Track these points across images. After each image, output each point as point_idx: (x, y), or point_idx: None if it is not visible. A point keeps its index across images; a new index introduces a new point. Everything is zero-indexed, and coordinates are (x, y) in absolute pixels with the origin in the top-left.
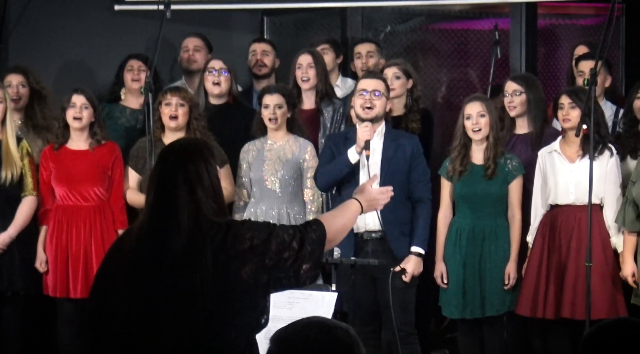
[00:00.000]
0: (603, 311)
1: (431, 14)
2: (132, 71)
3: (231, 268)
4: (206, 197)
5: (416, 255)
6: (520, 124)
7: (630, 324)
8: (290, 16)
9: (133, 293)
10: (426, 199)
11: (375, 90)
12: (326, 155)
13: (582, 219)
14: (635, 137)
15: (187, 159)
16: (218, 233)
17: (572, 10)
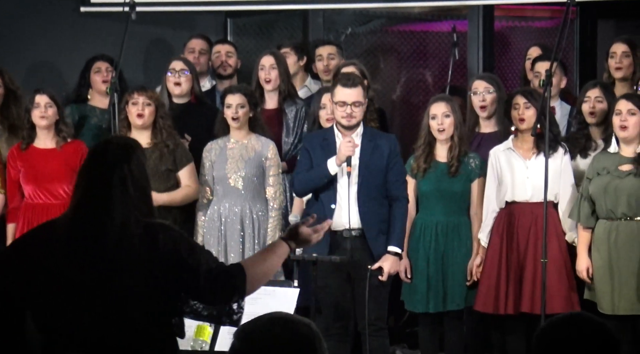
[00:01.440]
0: (559, 306)
1: (391, 16)
2: (101, 72)
3: (154, 269)
4: (137, 197)
5: (393, 254)
6: (485, 123)
7: (581, 319)
8: (253, 18)
9: (57, 284)
10: (402, 198)
11: (355, 101)
12: (303, 158)
13: (538, 216)
14: (585, 138)
15: (121, 158)
16: (144, 232)
17: (528, 13)
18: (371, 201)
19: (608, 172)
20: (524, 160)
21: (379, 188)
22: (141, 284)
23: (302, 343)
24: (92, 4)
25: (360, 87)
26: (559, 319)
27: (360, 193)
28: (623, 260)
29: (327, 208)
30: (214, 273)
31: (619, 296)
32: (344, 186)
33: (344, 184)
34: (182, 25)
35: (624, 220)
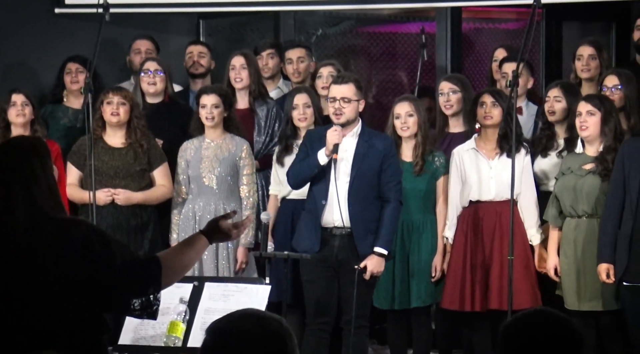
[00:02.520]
0: (526, 302)
1: (361, 18)
2: (70, 73)
3: (68, 263)
4: (42, 195)
5: (378, 255)
6: (453, 123)
7: (546, 315)
8: (226, 19)
9: None
10: (394, 200)
11: (344, 96)
12: (301, 152)
13: (502, 214)
14: (547, 138)
15: (22, 158)
16: (54, 228)
17: (495, 15)
18: (362, 201)
19: (572, 171)
20: (488, 160)
21: (371, 188)
22: (55, 279)
23: (273, 339)
24: (67, 5)
25: (352, 85)
26: (524, 315)
27: (351, 191)
28: (586, 257)
29: (318, 203)
30: (129, 265)
31: (583, 293)
32: (335, 182)
33: (335, 180)
34: (155, 27)
35: (585, 217)
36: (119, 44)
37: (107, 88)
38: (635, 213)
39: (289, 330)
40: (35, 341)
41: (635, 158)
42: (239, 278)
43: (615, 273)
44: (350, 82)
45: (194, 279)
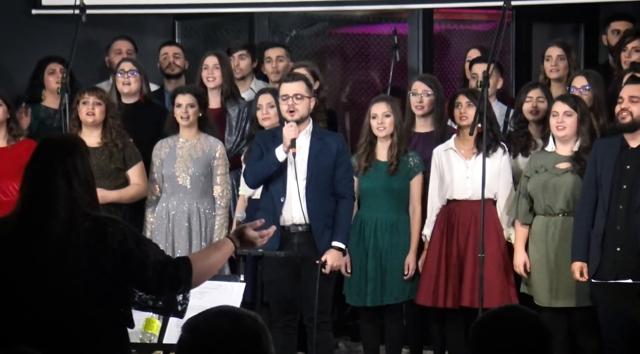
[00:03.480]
0: (497, 300)
1: (334, 19)
2: (55, 74)
3: (101, 260)
4: (82, 190)
5: (337, 249)
6: (421, 123)
7: (516, 311)
8: (200, 21)
9: (11, 277)
10: (348, 196)
11: (296, 93)
12: (256, 153)
13: (478, 213)
14: (525, 137)
15: (65, 153)
16: (91, 225)
17: (466, 17)
18: (319, 197)
19: (546, 169)
20: (465, 160)
21: (326, 184)
22: (88, 275)
23: (248, 335)
24: (43, 6)
25: (302, 82)
26: (495, 312)
27: (308, 189)
28: (560, 254)
29: (276, 201)
30: (162, 264)
31: (555, 289)
32: (293, 180)
33: (293, 179)
34: (131, 28)
35: (561, 215)
36: (95, 45)
37: (83, 88)
38: (607, 212)
39: (264, 326)
40: (65, 335)
41: (607, 157)
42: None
43: (588, 271)
44: (301, 80)
45: None
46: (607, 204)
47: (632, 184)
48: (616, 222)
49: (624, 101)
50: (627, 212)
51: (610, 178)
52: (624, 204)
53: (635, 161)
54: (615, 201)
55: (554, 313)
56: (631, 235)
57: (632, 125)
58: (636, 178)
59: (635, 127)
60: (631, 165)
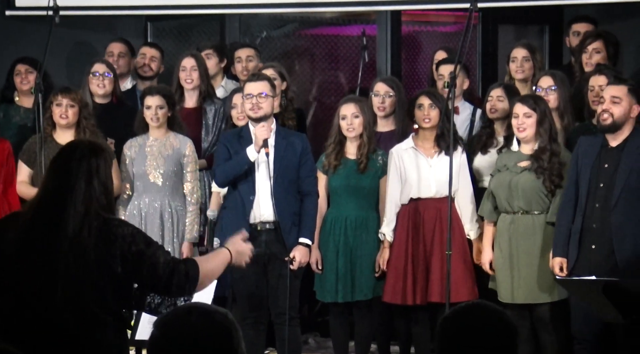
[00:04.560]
0: (464, 295)
1: (304, 21)
2: (20, 75)
3: (107, 261)
4: (99, 192)
5: (304, 246)
6: (382, 123)
7: (482, 308)
8: (172, 22)
9: (22, 267)
10: (313, 193)
11: (261, 92)
12: (222, 153)
13: (442, 210)
14: (487, 135)
15: (91, 154)
16: (101, 226)
17: (433, 18)
18: (285, 196)
19: (508, 168)
20: (427, 159)
21: (292, 183)
22: (94, 275)
23: (219, 332)
24: (17, 7)
25: (266, 82)
26: (461, 308)
27: (275, 187)
28: (521, 252)
29: (245, 199)
30: (172, 264)
31: (517, 286)
32: (262, 179)
33: (262, 177)
34: (104, 29)
35: (521, 213)
36: (68, 46)
37: (56, 89)
38: (584, 210)
39: (234, 323)
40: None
41: (587, 155)
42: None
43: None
44: (264, 80)
45: None
46: (584, 202)
47: (609, 183)
48: (592, 220)
49: (605, 101)
50: (603, 211)
51: (588, 176)
52: (600, 202)
53: (613, 160)
54: (592, 199)
55: (516, 309)
56: (606, 234)
57: (612, 126)
58: (613, 177)
59: (615, 128)
60: (609, 164)
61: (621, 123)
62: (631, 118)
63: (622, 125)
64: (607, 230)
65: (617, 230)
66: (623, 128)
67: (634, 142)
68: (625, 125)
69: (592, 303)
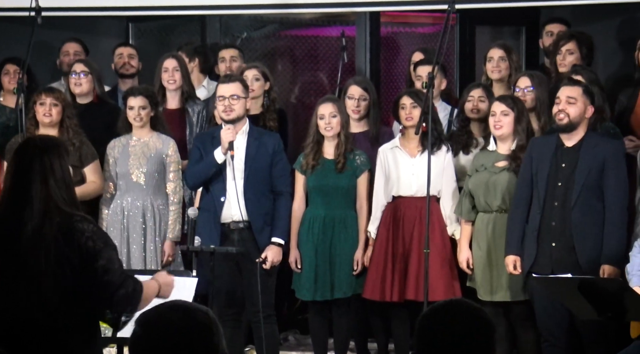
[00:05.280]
0: (442, 293)
1: (284, 22)
2: (9, 74)
3: (67, 254)
4: (58, 188)
5: (276, 245)
6: (355, 124)
7: (460, 305)
8: (153, 23)
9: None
10: (286, 192)
11: (233, 94)
12: (195, 155)
13: (422, 209)
14: (467, 135)
15: (43, 153)
16: (63, 220)
17: (412, 19)
18: (257, 195)
19: (485, 168)
20: (410, 158)
21: (264, 182)
22: (57, 271)
23: (200, 329)
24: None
25: (239, 83)
26: (440, 306)
27: (246, 187)
28: (499, 250)
29: (217, 200)
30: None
31: (496, 284)
32: (232, 180)
33: (231, 178)
34: (86, 30)
35: (499, 213)
36: (50, 46)
37: (39, 89)
38: (542, 208)
39: (215, 320)
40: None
41: (542, 156)
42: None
43: (522, 265)
44: (237, 81)
45: None
46: (542, 201)
47: (568, 182)
48: (552, 218)
49: (561, 102)
50: (562, 209)
51: (545, 176)
52: (559, 201)
53: (571, 160)
54: (550, 198)
55: (494, 307)
56: (566, 231)
57: (569, 126)
58: (571, 177)
59: (572, 127)
60: (566, 164)
61: (577, 123)
62: (586, 118)
63: (577, 125)
64: (568, 228)
65: (577, 228)
66: (578, 129)
67: (590, 142)
68: (581, 125)
69: (566, 300)
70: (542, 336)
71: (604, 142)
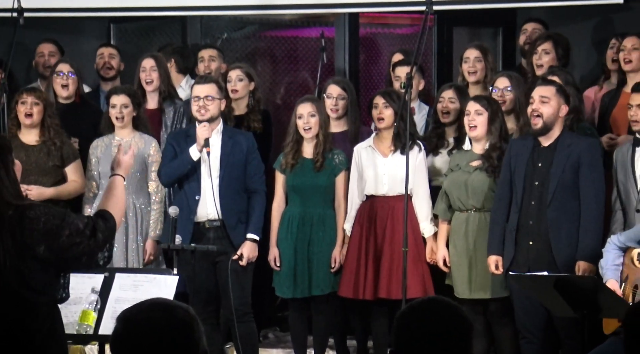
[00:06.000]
0: (416, 290)
1: (264, 23)
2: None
3: (27, 245)
4: (3, 184)
5: (251, 241)
6: (335, 123)
7: (438, 303)
8: (135, 24)
9: None
10: (260, 190)
11: (207, 95)
12: (168, 152)
13: (395, 208)
14: (437, 137)
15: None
16: (14, 213)
17: (390, 20)
18: (231, 193)
19: (460, 167)
20: (383, 157)
21: (238, 181)
22: (17, 262)
23: (181, 326)
24: None
25: (214, 84)
26: (417, 303)
27: (221, 185)
28: (476, 248)
29: (191, 199)
30: (91, 223)
31: (473, 282)
32: (207, 178)
33: (207, 176)
34: (68, 30)
35: (474, 211)
36: (32, 47)
37: (21, 88)
38: (520, 208)
39: (195, 318)
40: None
41: (520, 156)
42: (148, 269)
43: (502, 264)
44: (212, 82)
45: (105, 270)
46: (520, 200)
47: (544, 181)
48: (529, 217)
49: (535, 101)
50: (539, 208)
51: (523, 175)
52: (536, 200)
53: (546, 159)
54: (527, 197)
55: (471, 304)
56: (542, 230)
57: (543, 129)
58: (547, 176)
59: (546, 130)
60: (543, 163)
61: (551, 123)
62: (560, 118)
63: (552, 125)
64: (544, 226)
65: (553, 226)
66: (554, 129)
67: (565, 141)
68: (556, 125)
69: (543, 298)
70: (520, 332)
71: (579, 141)
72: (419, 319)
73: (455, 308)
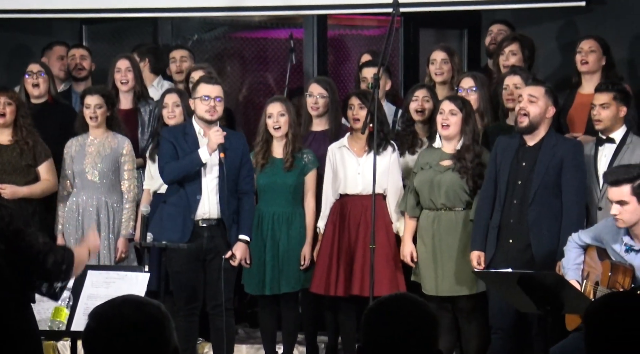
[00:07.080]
0: (386, 288)
1: (234, 24)
2: None
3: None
4: None
5: (243, 242)
6: (316, 122)
7: (405, 299)
8: (107, 25)
9: None
10: (251, 192)
11: (217, 96)
12: (168, 149)
13: (368, 207)
14: (412, 135)
15: None
16: None
17: (358, 22)
18: (229, 194)
19: (430, 166)
20: (357, 157)
21: (234, 182)
22: None
23: (152, 323)
24: None
25: (220, 86)
26: (385, 300)
27: (221, 186)
28: (445, 246)
29: (191, 198)
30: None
31: (441, 279)
32: (210, 179)
33: (211, 177)
34: (40, 31)
35: (444, 210)
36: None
37: None
38: (502, 206)
39: (167, 314)
40: None
41: (505, 154)
42: (120, 266)
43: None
44: (219, 84)
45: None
46: (503, 199)
47: (526, 180)
48: (510, 216)
49: (523, 100)
50: (521, 207)
51: (507, 174)
52: (518, 199)
53: (530, 159)
54: (510, 196)
55: (439, 301)
56: (523, 228)
57: (529, 127)
58: (530, 175)
59: (532, 129)
60: (526, 163)
61: (537, 123)
62: (547, 118)
63: (538, 125)
64: (524, 225)
65: (533, 225)
66: (540, 129)
67: (550, 141)
68: (542, 125)
69: (507, 294)
70: (492, 327)
71: (563, 142)
72: (386, 316)
73: (421, 304)
